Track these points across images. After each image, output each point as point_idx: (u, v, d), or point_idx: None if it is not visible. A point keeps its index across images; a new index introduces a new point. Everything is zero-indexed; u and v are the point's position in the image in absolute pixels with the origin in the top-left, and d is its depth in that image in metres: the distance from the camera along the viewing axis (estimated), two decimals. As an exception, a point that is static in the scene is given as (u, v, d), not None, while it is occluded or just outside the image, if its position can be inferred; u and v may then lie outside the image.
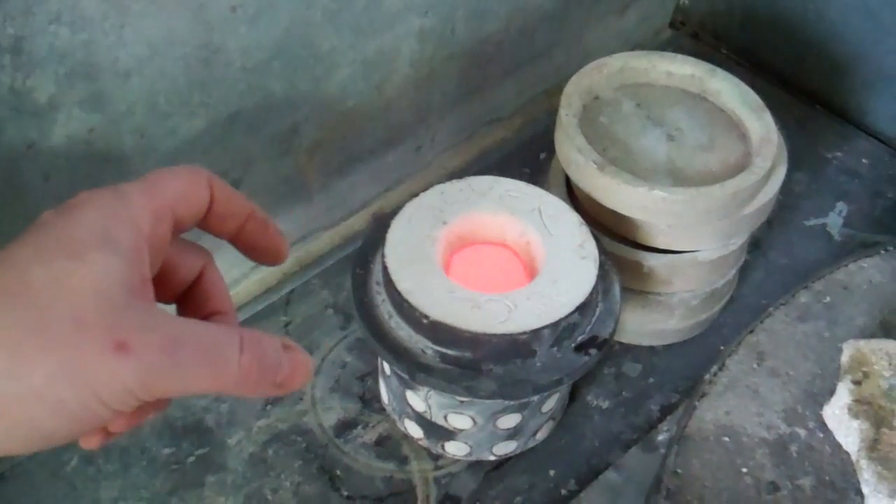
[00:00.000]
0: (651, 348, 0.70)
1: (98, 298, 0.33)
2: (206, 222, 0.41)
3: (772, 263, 0.76)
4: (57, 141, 0.51)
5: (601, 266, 0.56)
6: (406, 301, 0.53)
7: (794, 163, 0.66)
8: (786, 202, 0.80)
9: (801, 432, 0.50)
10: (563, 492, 0.61)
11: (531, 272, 0.57)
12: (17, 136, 0.50)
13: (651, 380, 0.68)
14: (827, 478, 0.48)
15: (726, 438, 0.49)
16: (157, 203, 0.37)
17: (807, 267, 0.76)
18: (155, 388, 0.33)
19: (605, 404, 0.66)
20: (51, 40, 0.48)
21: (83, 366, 0.32)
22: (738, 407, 0.50)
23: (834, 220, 0.80)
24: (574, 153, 0.61)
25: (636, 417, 0.66)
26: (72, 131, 0.52)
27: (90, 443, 0.38)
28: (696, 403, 0.50)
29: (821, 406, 0.51)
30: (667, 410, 0.66)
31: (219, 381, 0.35)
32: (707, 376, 0.52)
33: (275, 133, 0.63)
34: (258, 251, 0.43)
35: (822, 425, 0.50)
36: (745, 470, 0.48)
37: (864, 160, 0.86)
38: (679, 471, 0.47)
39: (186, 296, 0.42)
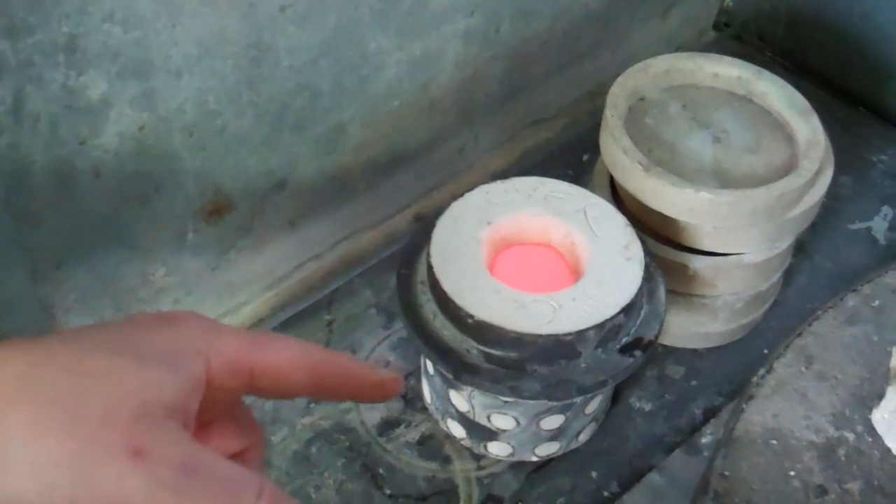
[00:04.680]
0: (694, 351, 0.69)
1: (140, 406, 0.31)
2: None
3: (817, 267, 0.76)
4: (108, 138, 0.52)
5: (646, 268, 0.56)
6: (451, 301, 0.53)
7: (839, 166, 0.65)
8: (831, 206, 0.79)
9: (850, 436, 0.49)
10: (606, 493, 0.61)
11: (576, 273, 0.57)
12: (70, 132, 0.50)
13: (694, 382, 0.68)
14: (876, 482, 0.47)
15: (774, 441, 0.49)
16: (242, 359, 0.36)
17: (852, 271, 0.75)
18: None
19: (648, 407, 0.66)
20: (104, 38, 0.48)
21: (91, 460, 0.30)
22: (785, 410, 0.50)
23: (879, 224, 0.79)
24: (620, 154, 0.61)
25: (679, 420, 0.66)
26: (123, 128, 0.52)
27: None
28: (744, 406, 0.50)
29: (869, 410, 0.50)
30: (710, 413, 0.66)
31: None
32: (755, 379, 0.51)
33: (321, 132, 0.64)
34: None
35: (871, 429, 0.49)
36: (792, 473, 0.48)
37: (909, 164, 0.85)
38: (727, 473, 0.47)
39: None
